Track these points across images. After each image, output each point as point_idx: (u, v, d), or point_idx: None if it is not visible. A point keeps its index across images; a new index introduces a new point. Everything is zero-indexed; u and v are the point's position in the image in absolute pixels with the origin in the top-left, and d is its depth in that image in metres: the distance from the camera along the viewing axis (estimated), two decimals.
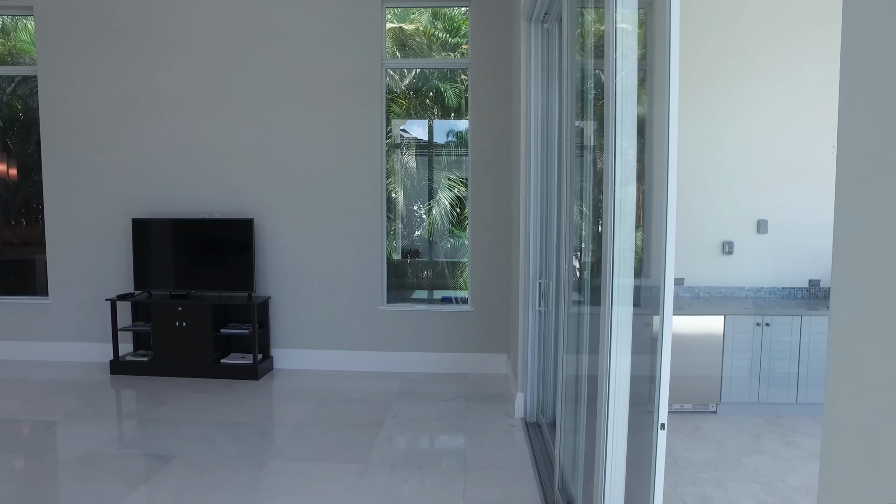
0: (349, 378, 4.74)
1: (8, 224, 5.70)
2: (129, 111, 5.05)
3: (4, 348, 5.34)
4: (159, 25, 4.96)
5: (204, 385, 4.55)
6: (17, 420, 3.85)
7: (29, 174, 5.60)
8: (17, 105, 5.67)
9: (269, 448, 3.34)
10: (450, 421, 3.77)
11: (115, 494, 2.78)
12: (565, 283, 2.55)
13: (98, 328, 5.18)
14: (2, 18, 5.45)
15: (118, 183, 5.10)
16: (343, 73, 4.83)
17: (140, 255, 4.92)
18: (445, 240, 5.63)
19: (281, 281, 4.99)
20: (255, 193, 4.96)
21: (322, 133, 4.88)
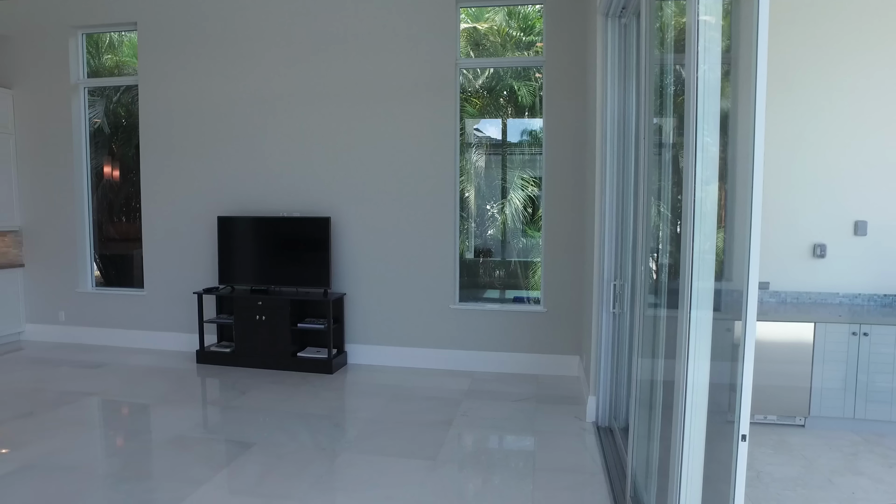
0: (420, 375, 4.80)
1: (111, 221, 6.17)
2: (215, 115, 5.35)
3: (108, 335, 5.81)
4: (243, 35, 5.22)
5: (281, 377, 4.75)
6: (118, 401, 4.16)
7: (129, 175, 6.04)
8: (121, 112, 6.12)
9: (342, 440, 3.44)
10: (519, 422, 3.75)
11: (201, 475, 2.95)
12: (641, 285, 2.47)
13: (186, 319, 5.52)
14: (109, 34, 5.90)
15: (206, 183, 5.41)
16: (417, 73, 4.89)
17: (224, 251, 5.19)
18: (518, 239, 5.60)
19: (356, 278, 5.12)
20: (332, 192, 5.12)
21: (396, 133, 4.97)
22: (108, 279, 6.21)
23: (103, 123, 6.11)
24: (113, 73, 6.11)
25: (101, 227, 6.10)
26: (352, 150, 5.06)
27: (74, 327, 5.94)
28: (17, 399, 4.18)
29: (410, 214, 4.98)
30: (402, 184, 4.98)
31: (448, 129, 4.88)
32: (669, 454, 1.78)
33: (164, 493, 2.76)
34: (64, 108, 5.79)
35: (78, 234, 5.89)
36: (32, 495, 2.75)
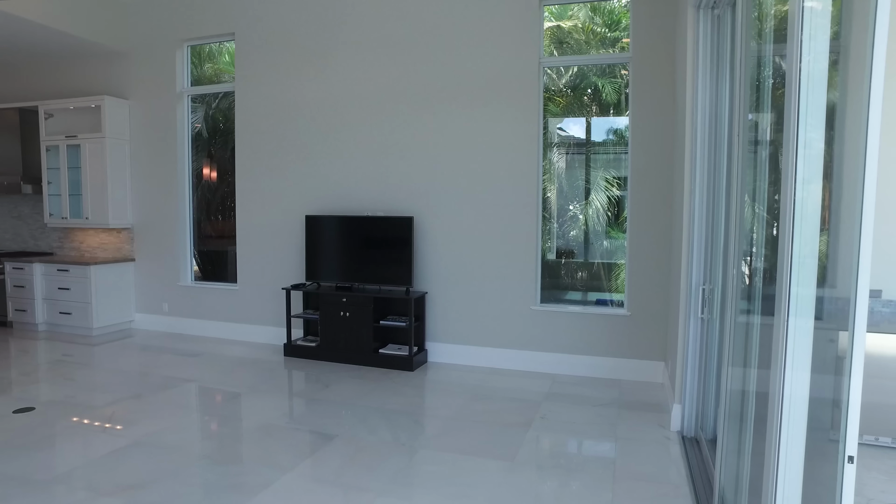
0: (500, 375, 4.79)
1: (208, 220, 6.58)
2: (304, 118, 5.57)
3: (204, 326, 6.21)
4: (330, 41, 5.41)
5: (363, 372, 4.88)
6: (213, 388, 4.43)
7: (225, 176, 6.41)
8: (219, 118, 6.52)
9: (421, 436, 3.49)
10: (600, 427, 3.65)
11: (287, 463, 3.08)
12: (732, 290, 2.34)
13: (275, 314, 5.80)
14: (210, 45, 6.30)
15: (295, 183, 5.66)
16: (500, 73, 4.88)
17: (311, 249, 5.40)
18: (601, 240, 5.46)
19: (437, 277, 5.18)
20: (416, 192, 5.20)
21: (479, 132, 4.98)
22: (206, 274, 6.62)
23: (202, 128, 6.52)
24: (212, 81, 6.51)
25: (200, 225, 6.53)
26: (435, 150, 5.13)
27: (176, 318, 6.40)
28: (128, 382, 4.55)
29: (492, 214, 4.98)
30: (485, 183, 4.99)
31: (531, 129, 4.84)
32: (763, 471, 1.67)
33: (253, 477, 2.91)
34: (170, 115, 6.25)
35: (179, 232, 6.33)
36: (141, 469, 2.98)
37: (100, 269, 6.25)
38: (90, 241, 6.88)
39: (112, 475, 2.94)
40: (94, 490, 2.78)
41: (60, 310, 6.38)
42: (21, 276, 6.52)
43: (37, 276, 6.45)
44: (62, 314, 6.37)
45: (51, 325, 6.50)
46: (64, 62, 6.88)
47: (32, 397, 4.18)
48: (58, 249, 7.14)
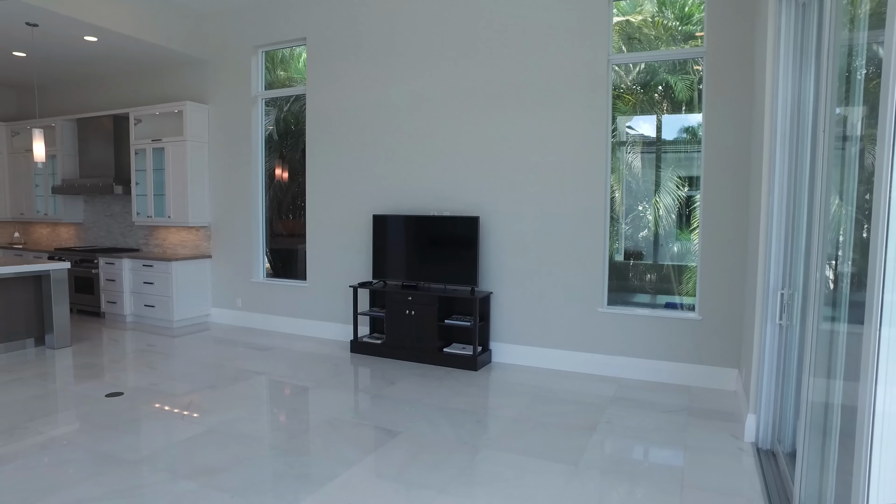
0: (564, 378, 4.72)
1: (279, 219, 6.82)
2: (372, 119, 5.68)
3: (275, 321, 6.45)
4: (397, 43, 5.49)
5: (427, 370, 4.92)
6: (282, 382, 4.59)
7: (296, 177, 6.63)
8: (290, 120, 6.75)
9: (484, 436, 3.49)
10: (668, 434, 3.54)
11: (352, 457, 3.16)
12: (815, 296, 2.21)
13: (342, 311, 5.95)
14: (283, 51, 6.54)
15: (363, 183, 5.78)
16: (567, 70, 4.81)
17: (378, 247, 5.50)
18: (672, 242, 5.28)
19: (503, 277, 5.16)
20: (482, 192, 5.20)
21: (546, 132, 4.92)
22: (276, 271, 6.87)
23: (274, 130, 6.77)
24: (285, 85, 6.75)
25: (272, 223, 6.78)
26: (501, 150, 5.11)
27: (248, 313, 6.67)
28: (204, 372, 4.79)
29: (559, 214, 4.91)
30: (551, 183, 4.93)
31: (599, 128, 4.74)
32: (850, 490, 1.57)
33: (319, 469, 3.00)
34: (245, 118, 6.53)
35: (253, 230, 6.59)
36: (215, 455, 3.13)
37: (180, 265, 6.60)
38: (172, 238, 7.29)
39: (190, 459, 3.10)
40: (173, 472, 2.94)
41: (145, 303, 6.79)
42: (112, 271, 6.98)
43: (125, 270, 6.90)
44: (147, 307, 6.78)
45: (137, 316, 6.93)
46: (151, 71, 7.32)
47: (121, 383, 4.47)
48: (143, 246, 7.60)
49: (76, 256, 7.32)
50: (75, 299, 7.37)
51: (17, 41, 6.22)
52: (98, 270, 7.11)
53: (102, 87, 7.91)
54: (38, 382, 4.49)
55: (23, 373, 4.75)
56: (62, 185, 7.72)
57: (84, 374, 4.72)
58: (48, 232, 8.87)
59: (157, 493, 2.74)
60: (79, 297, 7.34)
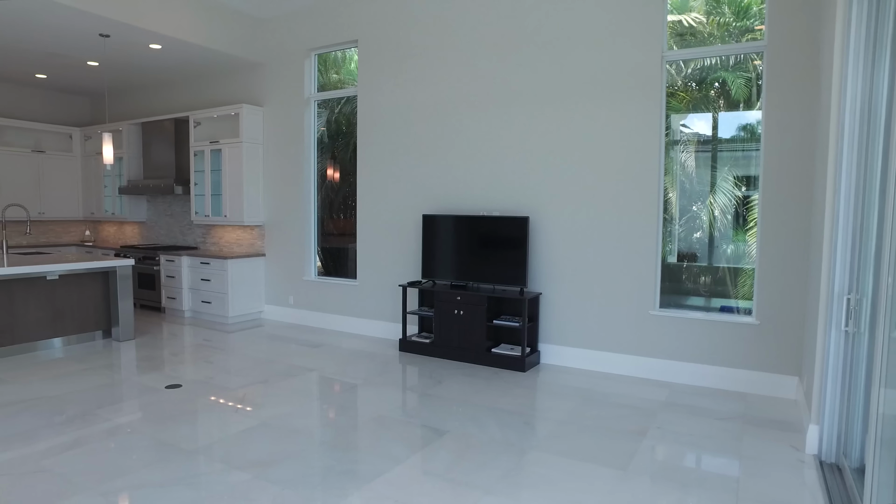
0: (614, 381, 4.64)
1: (331, 218, 6.96)
2: (422, 120, 5.72)
3: (325, 319, 6.58)
4: (446, 43, 5.51)
5: (475, 370, 4.92)
6: (332, 379, 4.68)
7: (347, 177, 6.75)
8: (342, 121, 6.87)
9: (531, 438, 3.46)
10: (722, 442, 3.42)
11: (399, 454, 3.19)
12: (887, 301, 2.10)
13: (391, 310, 6.01)
14: (335, 53, 6.66)
15: (413, 183, 5.83)
16: (620, 68, 4.72)
17: (428, 247, 5.53)
18: (727, 244, 5.10)
19: (552, 278, 5.11)
20: (531, 192, 5.17)
21: (597, 131, 4.85)
22: (328, 269, 7.00)
23: (325, 132, 6.91)
24: (336, 87, 6.88)
25: (323, 223, 6.92)
26: (551, 150, 5.06)
27: (300, 310, 6.83)
28: (257, 367, 4.93)
29: (610, 215, 4.83)
30: (602, 184, 4.85)
31: (652, 127, 4.64)
32: None
33: (367, 466, 3.04)
34: (298, 120, 6.69)
35: (305, 229, 6.75)
36: (267, 448, 3.22)
37: (235, 262, 6.82)
38: (228, 236, 7.54)
39: (243, 451, 3.20)
40: (228, 463, 3.04)
41: (202, 299, 7.04)
42: (172, 268, 7.28)
43: (184, 267, 7.17)
44: (203, 303, 7.03)
45: (194, 311, 7.20)
46: (209, 76, 7.59)
47: (180, 375, 4.66)
48: (201, 244, 7.89)
49: (139, 254, 7.67)
50: (138, 294, 7.73)
51: (92, 51, 6.58)
52: (159, 267, 7.43)
53: (165, 92, 8.27)
54: (106, 372, 4.73)
55: (92, 363, 5.01)
56: (127, 185, 8.10)
57: (146, 366, 4.94)
58: (115, 230, 9.32)
59: (212, 482, 2.84)
60: (141, 293, 7.69)
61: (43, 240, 9.06)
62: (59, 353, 5.35)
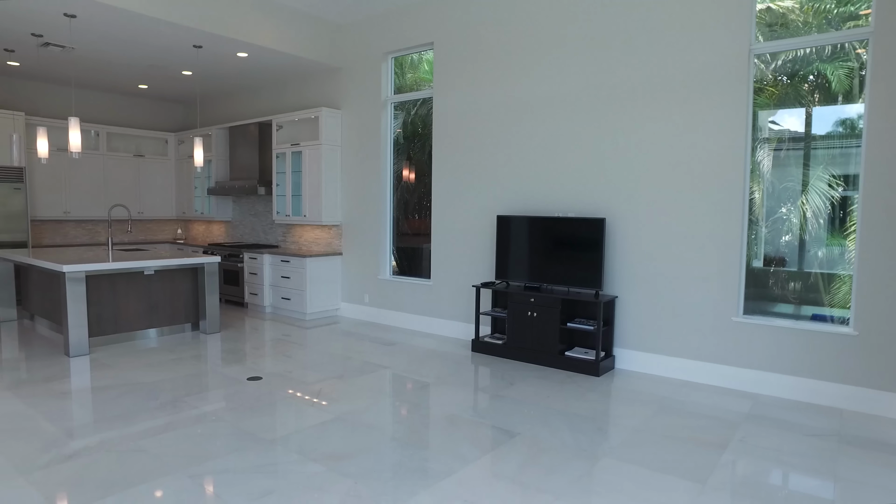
0: (692, 389, 4.45)
1: (406, 218, 7.07)
2: (496, 120, 5.71)
3: (399, 318, 6.70)
4: (521, 44, 5.46)
5: (547, 373, 4.86)
6: (405, 377, 4.75)
7: (422, 177, 6.83)
8: (417, 123, 6.96)
9: (604, 444, 3.38)
10: (814, 461, 3.20)
11: (469, 455, 3.20)
12: None
13: (464, 310, 6.04)
14: (411, 56, 6.77)
15: (487, 184, 5.83)
16: (703, 63, 4.52)
17: (502, 248, 5.52)
18: (819, 247, 4.78)
19: (629, 281, 4.97)
20: (607, 193, 5.04)
21: (678, 129, 4.67)
22: (402, 269, 7.12)
23: (401, 133, 7.03)
24: (412, 89, 6.98)
25: (399, 223, 7.04)
26: (629, 149, 4.92)
27: (375, 308, 6.99)
28: (333, 363, 5.09)
29: (691, 217, 4.64)
30: (683, 183, 4.67)
31: (737, 124, 4.41)
32: None
33: (437, 464, 3.07)
34: (374, 122, 6.84)
35: (381, 229, 6.89)
36: (341, 441, 3.31)
37: (314, 261, 7.06)
38: (307, 236, 7.82)
39: (318, 444, 3.31)
40: (303, 454, 3.15)
41: (282, 295, 7.34)
42: (254, 265, 7.64)
43: (266, 265, 7.51)
44: (283, 299, 7.33)
45: (275, 307, 7.51)
46: (291, 81, 7.91)
47: (260, 368, 4.88)
48: (282, 243, 8.23)
49: (225, 251, 8.09)
50: (224, 290, 8.16)
51: (186, 62, 7.02)
52: (243, 264, 7.81)
53: (250, 97, 8.69)
54: (194, 363, 5.03)
55: (182, 354, 5.34)
56: (215, 186, 8.57)
57: (230, 359, 5.21)
58: (203, 229, 9.89)
59: (289, 471, 2.95)
60: (226, 289, 8.12)
61: (141, 237, 9.75)
62: (153, 343, 5.74)
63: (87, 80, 8.30)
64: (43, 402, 4.00)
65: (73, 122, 5.48)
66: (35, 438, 3.36)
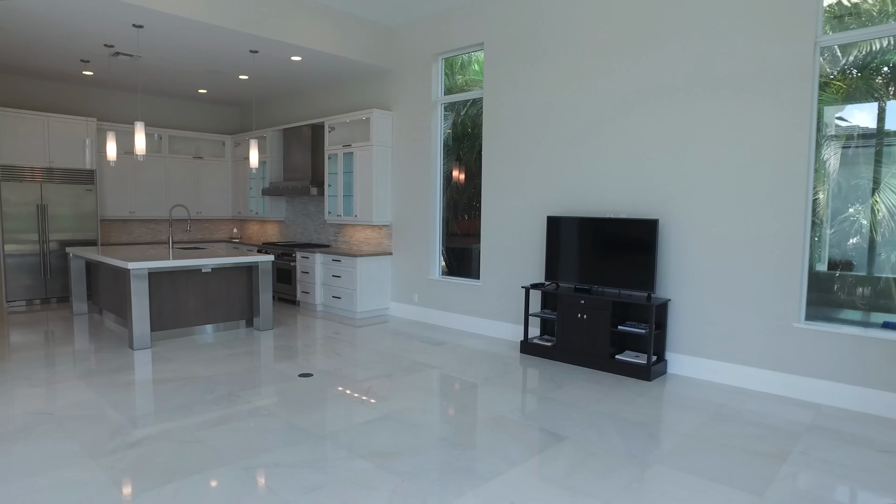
0: (749, 397, 4.28)
1: (455, 219, 7.08)
2: (546, 120, 5.65)
3: (448, 318, 6.72)
4: (572, 44, 5.38)
5: (597, 376, 4.78)
6: (453, 377, 4.76)
7: (472, 178, 6.83)
8: (467, 123, 6.97)
9: (655, 451, 3.29)
10: (884, 478, 3.03)
11: (516, 457, 3.17)
12: None
13: (513, 311, 6.00)
14: (461, 56, 6.78)
15: (537, 184, 5.77)
16: (765, 57, 4.35)
17: (552, 249, 5.46)
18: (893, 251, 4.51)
19: (682, 284, 4.83)
20: (661, 194, 4.92)
21: (736, 127, 4.51)
22: (451, 269, 7.14)
23: (451, 134, 7.04)
24: (462, 90, 6.99)
25: (448, 223, 7.06)
26: (684, 148, 4.79)
27: (424, 308, 7.03)
28: (382, 362, 5.14)
29: (750, 218, 4.47)
30: (740, 184, 4.50)
31: (800, 121, 4.22)
32: None
33: (484, 465, 3.06)
34: (424, 123, 6.88)
35: (430, 230, 6.93)
36: (389, 439, 3.35)
37: (364, 260, 7.16)
38: (358, 235, 7.94)
39: (367, 441, 3.35)
40: (352, 451, 3.20)
41: (333, 294, 7.48)
42: (306, 264, 7.81)
43: (317, 264, 7.66)
44: (334, 298, 7.46)
45: (326, 306, 7.66)
46: (342, 83, 8.05)
47: (312, 365, 4.98)
48: (333, 242, 8.39)
49: (278, 250, 8.31)
50: (277, 288, 8.38)
51: (242, 66, 7.25)
52: (295, 263, 8.00)
53: (303, 100, 8.89)
54: (248, 358, 5.18)
55: (237, 349, 5.51)
56: (269, 187, 8.81)
57: (282, 355, 5.34)
58: (258, 228, 10.18)
59: (338, 467, 3.00)
60: (279, 287, 8.33)
61: (199, 236, 10.12)
62: (209, 339, 5.95)
63: (151, 87, 8.68)
64: (110, 391, 4.21)
65: (138, 127, 5.74)
66: (103, 425, 3.54)
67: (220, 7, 5.58)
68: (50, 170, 7.81)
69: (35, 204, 7.74)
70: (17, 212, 7.61)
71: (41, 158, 7.75)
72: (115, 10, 5.18)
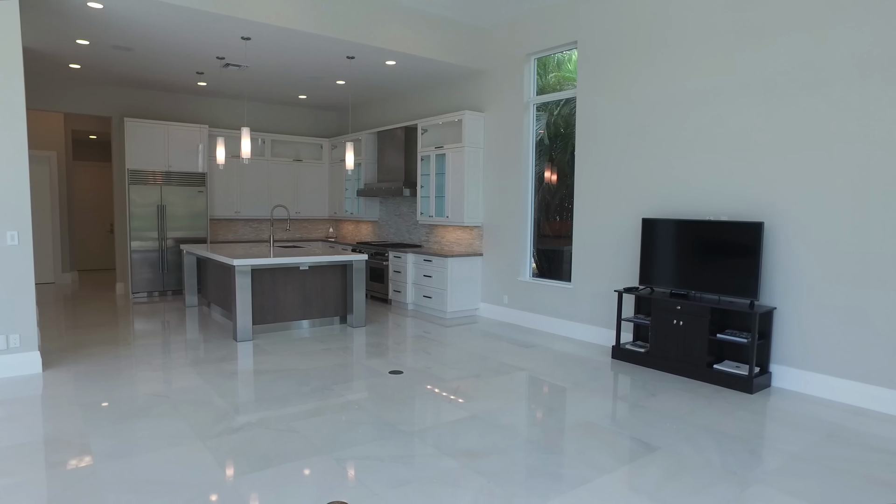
0: (869, 417, 3.92)
1: (547, 220, 6.99)
2: (641, 119, 5.45)
3: (538, 320, 6.65)
4: (670, 40, 5.15)
5: (693, 386, 4.55)
6: (542, 380, 4.71)
7: (564, 179, 6.72)
8: (560, 123, 6.86)
9: (756, 469, 3.09)
10: None
11: (605, 465, 3.08)
12: None
13: (605, 315, 5.84)
14: (555, 56, 6.69)
15: (632, 185, 5.59)
16: (886, 45, 3.95)
17: (646, 252, 5.26)
18: None
19: (790, 291, 4.50)
20: (766, 195, 4.61)
21: (853, 121, 4.13)
22: (542, 271, 7.05)
23: (544, 135, 6.96)
24: (555, 89, 6.89)
25: (539, 224, 6.98)
26: (793, 146, 4.45)
27: (513, 310, 6.99)
28: (471, 362, 5.17)
29: (870, 221, 4.08)
30: (862, 185, 4.12)
31: None
32: None
33: (571, 471, 3.00)
34: (517, 123, 6.85)
35: (521, 231, 6.88)
36: (476, 440, 3.36)
37: (455, 261, 7.24)
38: (449, 236, 8.03)
39: (454, 440, 3.38)
40: (439, 449, 3.24)
41: (424, 293, 7.61)
42: (398, 264, 8.00)
43: (409, 264, 7.83)
44: (425, 297, 7.59)
45: (416, 305, 7.81)
46: (435, 86, 8.17)
47: (402, 363, 5.10)
48: (424, 242, 8.53)
49: (372, 250, 8.57)
50: (369, 286, 8.64)
51: (339, 72, 7.55)
52: (388, 262, 8.21)
53: (396, 103, 9.12)
54: (341, 354, 5.38)
55: (331, 345, 5.74)
56: (364, 188, 9.10)
57: (373, 352, 5.50)
58: (352, 228, 10.55)
59: (425, 464, 3.06)
60: (372, 285, 8.59)
61: (297, 235, 10.64)
62: (306, 334, 6.24)
63: (256, 94, 9.24)
64: (216, 379, 4.52)
65: (244, 132, 6.13)
66: (210, 410, 3.81)
67: (319, 17, 5.84)
68: (168, 173, 8.53)
69: (156, 204, 8.48)
70: (142, 212, 8.38)
71: (162, 163, 8.49)
72: (227, 24, 5.56)
